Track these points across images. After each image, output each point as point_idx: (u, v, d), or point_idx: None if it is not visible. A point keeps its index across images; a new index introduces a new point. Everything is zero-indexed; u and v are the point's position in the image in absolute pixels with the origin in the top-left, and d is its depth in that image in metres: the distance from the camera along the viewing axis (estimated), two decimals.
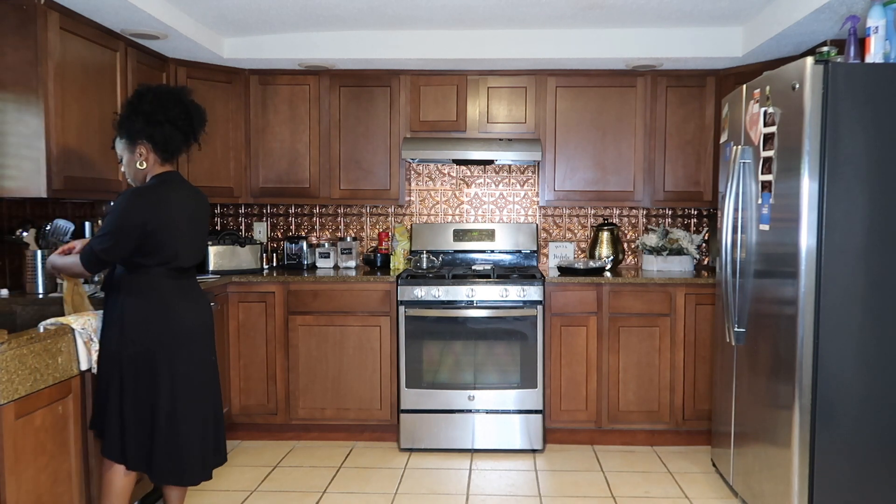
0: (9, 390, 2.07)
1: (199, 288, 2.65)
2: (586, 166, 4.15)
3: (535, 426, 3.79)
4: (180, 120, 2.49)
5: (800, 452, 2.57)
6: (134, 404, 2.41)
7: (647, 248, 4.19)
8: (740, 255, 3.08)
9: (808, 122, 2.50)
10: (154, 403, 2.42)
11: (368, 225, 4.56)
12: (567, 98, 4.13)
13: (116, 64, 3.27)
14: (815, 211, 2.52)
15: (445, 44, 3.87)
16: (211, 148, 3.96)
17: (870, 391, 2.55)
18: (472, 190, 4.53)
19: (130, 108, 2.47)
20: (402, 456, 3.76)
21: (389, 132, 4.17)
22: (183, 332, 2.48)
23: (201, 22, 3.58)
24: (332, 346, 3.88)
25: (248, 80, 4.14)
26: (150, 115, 2.43)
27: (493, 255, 4.43)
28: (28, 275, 3.02)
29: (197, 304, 2.57)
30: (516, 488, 3.35)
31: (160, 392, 2.42)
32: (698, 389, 3.84)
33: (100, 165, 3.14)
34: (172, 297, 2.47)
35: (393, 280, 3.85)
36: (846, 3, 2.82)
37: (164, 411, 2.43)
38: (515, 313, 3.78)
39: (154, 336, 2.42)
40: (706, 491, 3.31)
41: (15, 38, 2.73)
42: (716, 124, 4.03)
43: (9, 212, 3.07)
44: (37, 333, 2.23)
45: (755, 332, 2.96)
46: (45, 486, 2.25)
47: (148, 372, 2.41)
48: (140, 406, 2.42)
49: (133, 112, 2.45)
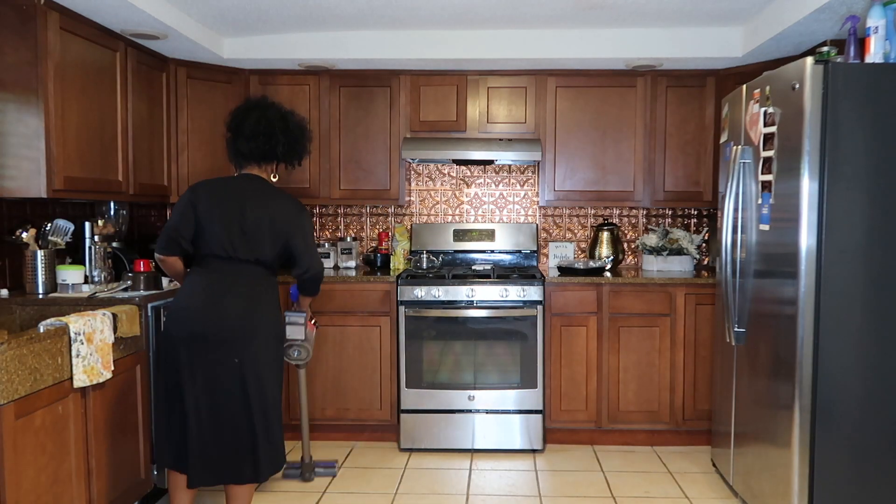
0: (9, 390, 2.07)
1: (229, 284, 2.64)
2: (586, 166, 4.15)
3: (535, 426, 3.79)
4: (240, 127, 2.72)
5: (800, 452, 2.57)
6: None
7: (647, 248, 4.19)
8: (740, 255, 3.08)
9: (808, 122, 2.50)
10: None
11: (368, 225, 4.56)
12: (567, 98, 4.13)
13: (116, 64, 3.27)
14: (815, 211, 2.52)
15: (445, 44, 3.87)
16: (211, 148, 3.96)
17: (870, 391, 2.55)
18: (472, 190, 4.53)
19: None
20: (402, 456, 3.76)
21: (389, 132, 4.16)
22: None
23: (201, 22, 3.58)
24: (333, 346, 3.88)
25: (248, 80, 4.14)
26: (228, 127, 2.80)
27: (493, 255, 4.43)
28: (28, 275, 3.02)
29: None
30: (516, 488, 3.35)
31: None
32: (698, 389, 3.84)
33: (100, 165, 3.14)
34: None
35: (393, 280, 3.85)
36: (846, 3, 2.82)
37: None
38: (515, 313, 3.78)
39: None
40: (706, 491, 3.32)
41: (15, 38, 2.73)
42: (716, 124, 4.03)
43: (9, 212, 3.07)
44: (37, 333, 2.23)
45: (755, 332, 2.96)
46: (45, 486, 2.25)
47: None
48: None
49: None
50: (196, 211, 2.61)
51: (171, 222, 2.64)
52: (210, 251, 2.62)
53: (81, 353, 2.41)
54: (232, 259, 2.62)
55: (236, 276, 2.63)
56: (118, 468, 2.73)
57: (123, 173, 3.33)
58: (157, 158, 3.69)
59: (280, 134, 2.74)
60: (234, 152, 2.77)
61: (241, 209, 2.64)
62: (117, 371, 2.66)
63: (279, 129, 2.74)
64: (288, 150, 2.79)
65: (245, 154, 2.74)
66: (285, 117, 2.79)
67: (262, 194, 2.70)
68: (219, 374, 2.55)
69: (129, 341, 2.80)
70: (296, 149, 2.83)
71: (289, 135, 2.78)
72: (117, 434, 2.73)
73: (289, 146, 2.79)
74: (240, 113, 2.77)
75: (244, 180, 2.74)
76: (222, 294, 2.59)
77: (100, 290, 3.03)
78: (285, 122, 2.77)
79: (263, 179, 2.77)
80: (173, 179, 3.85)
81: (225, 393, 2.56)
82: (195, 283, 2.63)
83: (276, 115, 2.76)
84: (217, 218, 2.61)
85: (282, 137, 2.75)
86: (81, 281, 3.10)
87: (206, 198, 2.64)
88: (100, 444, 2.59)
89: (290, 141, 2.78)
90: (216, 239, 2.60)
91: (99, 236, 3.36)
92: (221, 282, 2.61)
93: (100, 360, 2.51)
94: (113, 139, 3.25)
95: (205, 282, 2.61)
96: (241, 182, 2.73)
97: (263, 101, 2.81)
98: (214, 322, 2.56)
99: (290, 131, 2.78)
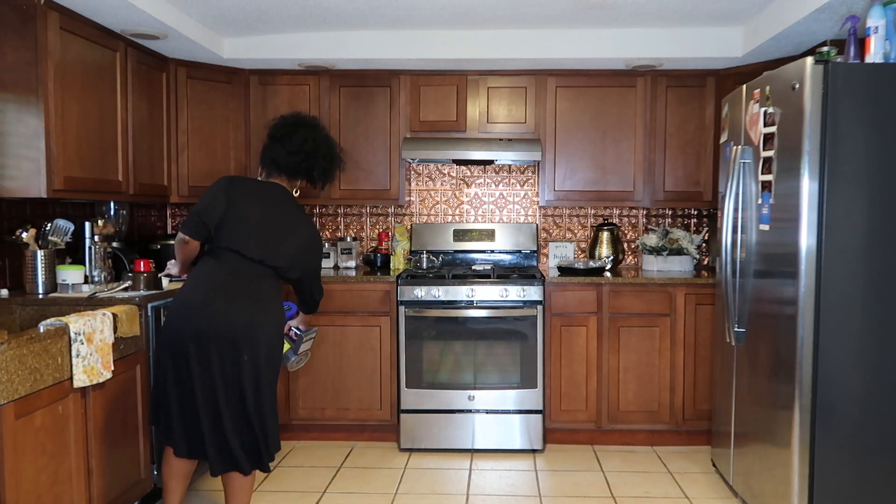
0: (9, 390, 2.07)
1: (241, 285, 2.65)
2: (586, 166, 4.15)
3: (535, 426, 3.79)
4: (285, 139, 2.76)
5: (800, 452, 2.57)
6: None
7: (647, 248, 4.19)
8: (740, 255, 3.08)
9: (808, 122, 2.50)
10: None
11: (368, 225, 4.56)
12: (567, 98, 4.13)
13: (116, 64, 3.27)
14: (815, 211, 2.52)
15: (445, 44, 3.87)
16: (211, 148, 3.96)
17: (870, 391, 2.55)
18: (472, 190, 4.53)
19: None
20: (402, 456, 3.76)
21: (389, 132, 4.17)
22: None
23: (201, 22, 3.58)
24: (333, 346, 3.88)
25: (248, 80, 4.14)
26: (268, 131, 2.86)
27: (493, 255, 4.43)
28: (28, 275, 3.02)
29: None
30: (516, 488, 3.35)
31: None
32: (698, 389, 3.84)
33: (100, 165, 3.14)
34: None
35: (393, 280, 3.85)
36: (846, 3, 2.82)
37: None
38: (515, 313, 3.78)
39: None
40: (706, 491, 3.31)
41: (15, 38, 2.73)
42: (716, 124, 4.03)
43: (9, 212, 3.07)
44: (37, 333, 2.23)
45: (755, 332, 2.96)
46: (45, 486, 2.25)
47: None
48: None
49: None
50: (229, 200, 2.63)
51: (203, 204, 2.63)
52: (229, 245, 2.61)
53: (81, 353, 2.41)
54: (248, 259, 2.62)
55: (248, 275, 2.62)
56: (118, 468, 2.73)
57: (123, 173, 3.33)
58: (157, 158, 3.69)
59: (322, 158, 2.81)
60: (269, 160, 2.79)
61: (273, 217, 2.68)
62: (117, 371, 2.66)
63: (322, 153, 2.81)
64: (322, 173, 2.86)
65: (281, 165, 2.77)
66: (330, 143, 2.87)
67: (293, 214, 2.76)
68: (220, 370, 2.55)
69: (129, 341, 2.80)
70: (329, 174, 2.89)
71: (329, 161, 2.85)
72: (117, 434, 2.73)
73: (324, 171, 2.85)
74: (288, 125, 2.80)
75: (277, 190, 2.77)
76: (231, 292, 2.58)
77: (100, 290, 3.03)
78: (329, 148, 2.85)
79: (290, 193, 2.83)
80: (173, 179, 3.85)
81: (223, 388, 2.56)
82: (205, 276, 2.62)
83: (322, 139, 2.83)
84: (247, 215, 2.63)
85: (322, 162, 2.82)
86: (81, 281, 3.10)
87: (242, 192, 2.67)
88: (100, 444, 2.59)
89: (328, 166, 2.86)
90: (240, 235, 2.61)
91: (99, 236, 3.36)
92: (232, 279, 2.60)
93: (100, 360, 2.51)
94: (113, 139, 3.25)
95: (215, 277, 2.60)
96: (274, 191, 2.76)
97: (314, 120, 2.88)
98: (220, 320, 2.55)
99: (331, 157, 2.86)
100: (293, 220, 2.74)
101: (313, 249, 2.83)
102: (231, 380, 2.56)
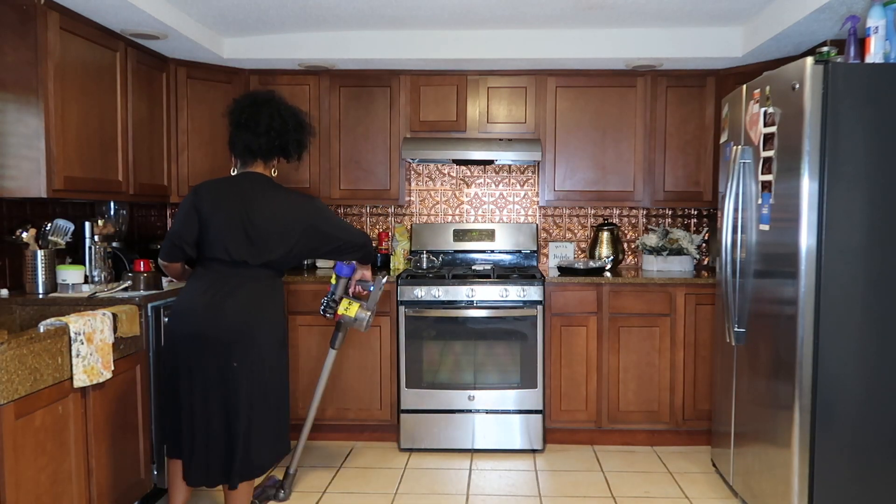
0: (9, 390, 2.07)
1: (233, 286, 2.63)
2: (586, 166, 4.15)
3: (535, 426, 3.79)
4: (251, 122, 2.65)
5: (800, 452, 2.57)
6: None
7: (647, 248, 4.19)
8: (740, 255, 3.08)
9: (808, 122, 2.50)
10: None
11: (368, 225, 4.56)
12: (567, 98, 4.13)
13: (116, 64, 3.27)
14: (815, 211, 2.52)
15: (445, 44, 3.87)
16: (211, 148, 3.96)
17: (870, 391, 2.55)
18: (472, 190, 4.53)
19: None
20: (402, 456, 3.76)
21: (389, 132, 4.16)
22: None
23: (201, 22, 3.58)
24: None
25: (249, 80, 4.14)
26: (230, 120, 2.75)
27: (493, 255, 4.43)
28: (28, 275, 3.02)
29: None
30: (516, 488, 3.35)
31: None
32: (698, 389, 3.84)
33: (100, 165, 3.14)
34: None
35: (393, 280, 3.85)
36: (846, 3, 2.82)
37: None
38: (515, 313, 3.78)
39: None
40: (706, 491, 3.32)
41: (15, 38, 2.73)
42: (716, 124, 4.03)
43: (9, 212, 3.07)
44: (37, 333, 2.23)
45: (755, 333, 2.96)
46: (44, 486, 2.25)
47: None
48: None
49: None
50: (199, 214, 2.59)
51: (175, 228, 2.63)
52: (213, 255, 2.60)
53: (81, 353, 2.41)
54: (235, 263, 2.60)
55: (239, 279, 2.61)
56: (118, 468, 2.73)
57: (123, 173, 3.33)
58: (157, 158, 3.69)
59: (293, 131, 2.75)
60: (242, 148, 2.71)
61: (247, 212, 2.60)
62: (117, 371, 2.66)
63: (292, 125, 2.74)
64: (297, 146, 2.79)
65: (255, 150, 2.69)
66: (295, 112, 2.79)
67: (267, 194, 2.66)
68: (216, 376, 2.55)
69: (129, 341, 2.80)
70: (304, 144, 2.82)
71: (300, 131, 2.78)
72: (117, 434, 2.73)
73: (298, 143, 2.79)
74: (248, 107, 2.69)
75: (247, 181, 2.68)
76: (223, 297, 2.57)
77: (100, 290, 3.03)
78: (296, 117, 2.78)
79: (267, 177, 2.74)
80: (173, 179, 3.85)
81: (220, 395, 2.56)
82: (197, 285, 2.63)
83: (287, 111, 2.75)
84: (221, 221, 2.58)
85: (294, 135, 2.75)
86: (81, 281, 3.10)
87: (210, 200, 2.61)
88: (100, 444, 2.59)
89: (300, 137, 2.79)
90: (219, 243, 2.58)
91: (99, 236, 3.36)
92: (223, 285, 2.59)
93: (100, 360, 2.51)
94: (113, 139, 3.25)
95: (206, 285, 2.60)
96: (244, 183, 2.68)
97: (271, 95, 2.77)
98: (214, 325, 2.55)
99: (301, 127, 2.79)
100: (275, 208, 2.64)
101: (309, 210, 2.72)
102: (222, 388, 2.55)
